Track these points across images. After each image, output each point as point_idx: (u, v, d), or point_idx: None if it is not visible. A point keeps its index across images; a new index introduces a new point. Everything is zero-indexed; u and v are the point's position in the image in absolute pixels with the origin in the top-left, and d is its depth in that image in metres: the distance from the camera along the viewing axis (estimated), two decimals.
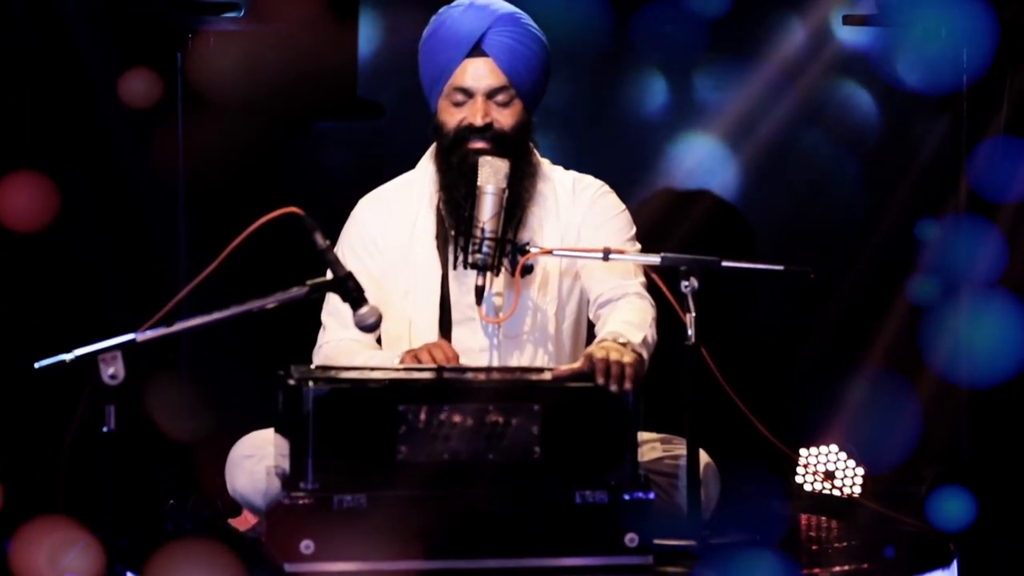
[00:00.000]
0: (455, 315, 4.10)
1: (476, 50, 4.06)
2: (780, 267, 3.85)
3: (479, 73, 4.06)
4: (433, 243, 4.12)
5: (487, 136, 4.04)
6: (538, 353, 4.09)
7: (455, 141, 4.07)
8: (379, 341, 4.13)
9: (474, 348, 4.05)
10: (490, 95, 4.06)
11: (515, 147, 4.05)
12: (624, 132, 5.52)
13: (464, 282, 4.05)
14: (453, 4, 4.16)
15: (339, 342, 4.08)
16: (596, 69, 5.49)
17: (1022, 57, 5.07)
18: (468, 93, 4.06)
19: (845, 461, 5.16)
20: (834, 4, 5.33)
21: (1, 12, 4.93)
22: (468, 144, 4.04)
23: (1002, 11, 4.94)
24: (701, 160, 5.48)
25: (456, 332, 4.09)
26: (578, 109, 5.50)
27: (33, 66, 5.00)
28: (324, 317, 4.13)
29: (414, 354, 3.91)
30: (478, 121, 4.04)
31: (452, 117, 4.08)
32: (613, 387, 3.52)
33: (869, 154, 5.48)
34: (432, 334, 4.06)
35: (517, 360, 4.08)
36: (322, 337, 4.14)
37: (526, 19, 4.13)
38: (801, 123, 5.45)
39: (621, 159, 5.40)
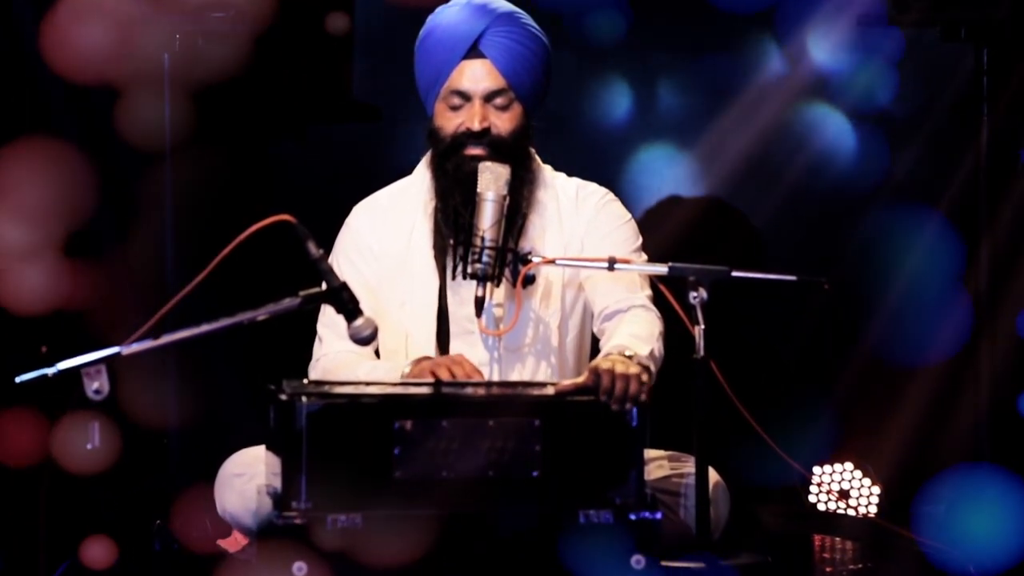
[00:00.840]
0: (453, 328, 4.09)
1: (473, 51, 4.06)
2: (793, 277, 3.85)
3: (476, 75, 4.06)
4: (430, 252, 4.12)
5: (484, 142, 4.04)
6: (540, 367, 4.09)
7: (451, 147, 4.07)
8: (377, 354, 4.12)
9: (473, 362, 4.04)
10: (488, 98, 4.06)
11: (514, 153, 4.05)
12: (630, 136, 5.53)
13: (462, 294, 4.05)
14: (449, 3, 4.16)
15: (337, 355, 4.07)
16: (601, 72, 5.50)
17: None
18: (465, 96, 4.06)
19: (860, 479, 5.16)
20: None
21: None
22: (465, 150, 4.04)
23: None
24: (710, 166, 5.48)
25: (454, 345, 4.08)
26: (581, 112, 5.50)
27: None
28: (320, 329, 4.13)
29: (429, 369, 3.90)
30: (475, 126, 4.04)
31: (449, 122, 4.08)
32: (614, 406, 3.52)
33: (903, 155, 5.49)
34: (429, 347, 4.06)
35: (518, 374, 4.07)
36: (318, 350, 4.14)
37: (526, 18, 4.13)
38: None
39: (625, 165, 5.41)
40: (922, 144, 5.41)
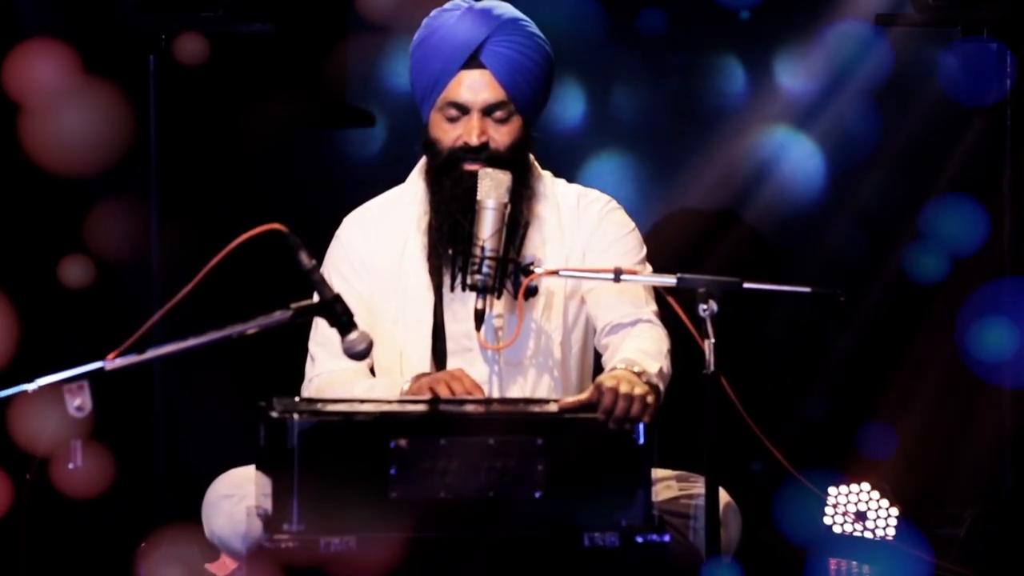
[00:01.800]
0: (450, 345, 4.09)
1: (473, 61, 4.05)
2: (807, 289, 3.84)
3: (476, 87, 4.05)
4: (424, 267, 4.11)
5: (483, 157, 4.03)
6: (542, 383, 4.08)
7: (449, 161, 4.06)
8: (372, 373, 4.12)
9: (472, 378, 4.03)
10: (487, 111, 4.05)
11: (513, 166, 4.04)
12: (638, 142, 5.53)
13: (459, 310, 4.05)
14: (449, 6, 4.14)
15: (331, 373, 4.06)
16: (602, 70, 5.51)
17: None
18: (463, 109, 4.05)
19: (878, 500, 5.15)
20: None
21: None
22: (462, 165, 4.03)
23: None
24: (724, 173, 5.49)
25: (451, 363, 4.07)
26: (585, 116, 5.50)
27: None
28: (312, 348, 4.12)
29: (428, 385, 3.90)
30: (473, 140, 4.03)
31: (445, 134, 4.07)
32: (612, 425, 3.52)
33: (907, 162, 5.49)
34: (424, 365, 4.06)
35: (519, 390, 4.07)
36: (312, 369, 4.12)
37: (530, 26, 4.11)
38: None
39: (633, 172, 5.41)
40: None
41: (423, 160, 4.17)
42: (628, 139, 5.53)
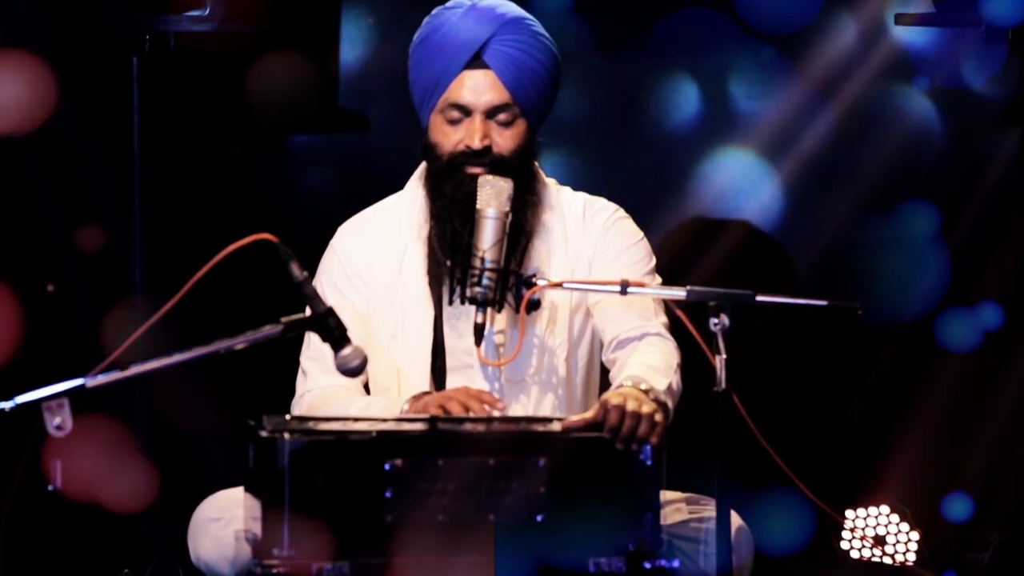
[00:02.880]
0: (450, 361, 4.08)
1: (476, 61, 4.05)
2: (823, 302, 3.84)
3: (479, 88, 4.05)
4: (424, 279, 4.10)
5: (485, 161, 4.02)
6: (546, 400, 4.08)
7: (450, 166, 4.05)
8: (367, 389, 4.11)
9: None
10: (490, 113, 4.05)
11: (517, 172, 4.03)
12: (647, 148, 5.54)
13: (459, 325, 4.04)
14: (451, 3, 4.13)
15: (323, 389, 4.05)
16: (615, 75, 5.52)
17: None
18: (465, 111, 4.04)
19: (897, 524, 5.15)
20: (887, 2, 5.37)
21: None
22: (464, 170, 4.03)
23: None
24: (735, 180, 5.49)
25: (451, 380, 4.07)
26: (592, 121, 5.51)
27: None
28: (304, 362, 4.11)
29: (438, 403, 3.86)
30: (475, 144, 4.03)
31: (446, 137, 4.07)
32: (619, 445, 3.51)
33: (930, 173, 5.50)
34: (423, 383, 4.05)
35: (522, 408, 4.07)
36: (303, 385, 4.12)
37: (535, 25, 4.10)
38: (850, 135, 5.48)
39: (643, 179, 5.42)
40: None
41: (422, 166, 4.16)
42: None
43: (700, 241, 5.45)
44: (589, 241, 4.15)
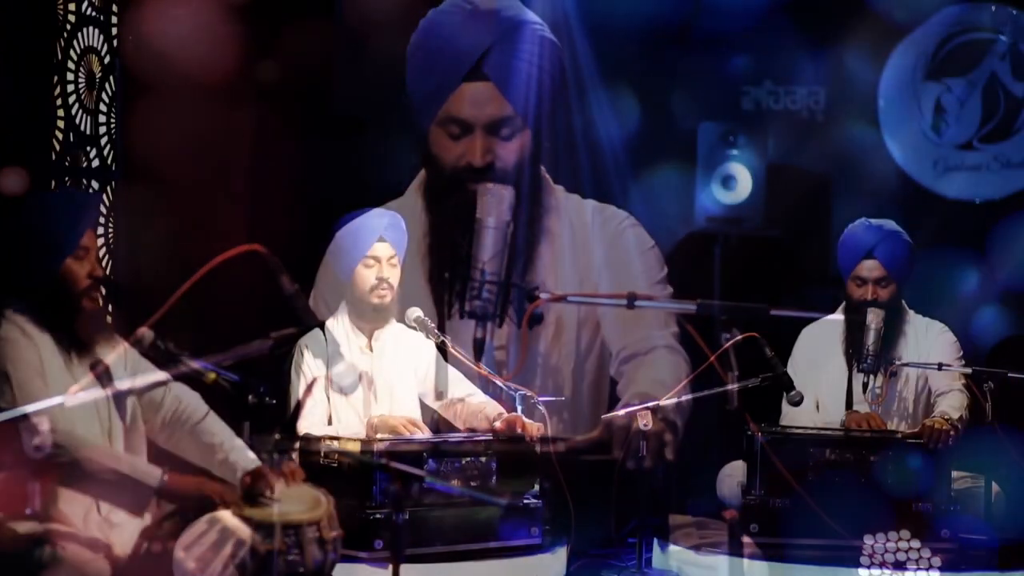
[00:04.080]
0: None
1: (476, 72, 4.03)
2: (840, 317, 3.83)
3: (479, 101, 4.03)
4: (429, 294, 4.09)
5: (487, 177, 4.02)
6: (550, 419, 4.07)
7: (452, 181, 4.05)
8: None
9: None
10: (491, 128, 4.04)
11: (521, 182, 4.03)
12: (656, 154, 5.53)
13: (458, 338, 4.03)
14: (448, 5, 4.11)
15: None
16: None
17: None
18: (466, 126, 4.03)
19: (918, 550, 5.12)
20: None
21: None
22: (467, 186, 4.03)
23: None
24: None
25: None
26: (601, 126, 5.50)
27: None
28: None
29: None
30: (477, 161, 4.03)
31: (447, 151, 4.06)
32: (629, 464, 3.51)
33: None
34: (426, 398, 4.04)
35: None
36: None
37: (541, 29, 4.07)
38: None
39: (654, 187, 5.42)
40: None
41: (422, 174, 4.16)
42: None
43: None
44: (598, 249, 4.14)
